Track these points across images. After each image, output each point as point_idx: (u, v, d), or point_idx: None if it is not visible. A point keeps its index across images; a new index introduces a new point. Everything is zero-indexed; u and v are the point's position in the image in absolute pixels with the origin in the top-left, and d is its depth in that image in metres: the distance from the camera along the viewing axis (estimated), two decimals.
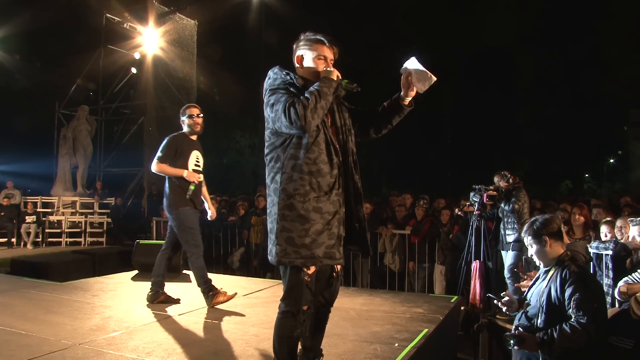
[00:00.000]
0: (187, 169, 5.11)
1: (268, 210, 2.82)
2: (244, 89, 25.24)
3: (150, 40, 15.89)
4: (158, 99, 16.00)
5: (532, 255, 3.43)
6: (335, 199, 2.77)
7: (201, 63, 18.07)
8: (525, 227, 3.47)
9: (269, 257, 2.80)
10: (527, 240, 3.39)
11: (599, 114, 31.46)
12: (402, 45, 28.22)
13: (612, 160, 39.11)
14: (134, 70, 16.94)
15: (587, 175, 38.45)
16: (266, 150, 2.85)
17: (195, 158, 5.28)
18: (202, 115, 5.36)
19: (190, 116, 5.28)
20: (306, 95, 2.67)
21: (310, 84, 2.78)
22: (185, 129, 5.33)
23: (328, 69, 2.86)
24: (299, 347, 2.97)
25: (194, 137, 5.35)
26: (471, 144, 30.53)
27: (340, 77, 2.86)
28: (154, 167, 5.03)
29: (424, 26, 30.03)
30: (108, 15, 16.24)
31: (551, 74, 32.46)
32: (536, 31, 32.29)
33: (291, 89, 2.76)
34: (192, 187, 5.05)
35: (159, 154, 5.03)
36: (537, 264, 3.46)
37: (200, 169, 5.35)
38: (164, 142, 5.12)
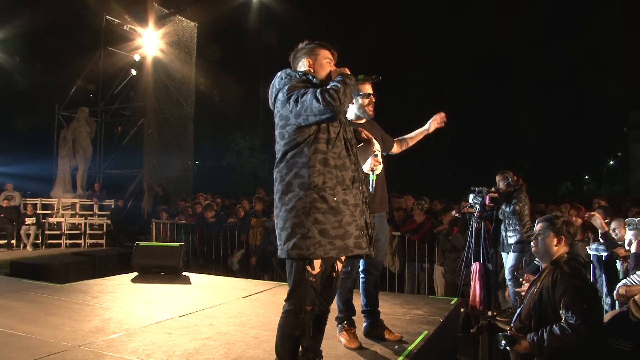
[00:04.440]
0: None
1: (288, 206, 2.79)
2: (244, 91, 25.30)
3: (150, 42, 15.87)
4: (158, 100, 15.98)
5: (535, 246, 3.40)
6: (355, 192, 2.89)
7: (201, 65, 18.09)
8: (546, 216, 3.48)
9: (293, 252, 2.76)
10: (541, 225, 3.36)
11: (599, 116, 31.49)
12: (402, 47, 28.31)
13: (612, 162, 39.14)
14: (133, 72, 16.93)
15: (586, 177, 38.46)
16: (285, 147, 2.85)
17: None
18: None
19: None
20: (333, 83, 2.78)
21: (324, 84, 2.88)
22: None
23: (340, 68, 2.99)
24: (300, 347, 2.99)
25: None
26: (471, 145, 30.57)
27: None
28: None
29: (424, 28, 30.07)
30: (108, 17, 16.23)
31: (551, 76, 32.51)
32: (536, 33, 32.34)
33: (310, 85, 2.84)
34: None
35: None
36: (534, 251, 3.45)
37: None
38: None
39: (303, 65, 3.05)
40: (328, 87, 2.74)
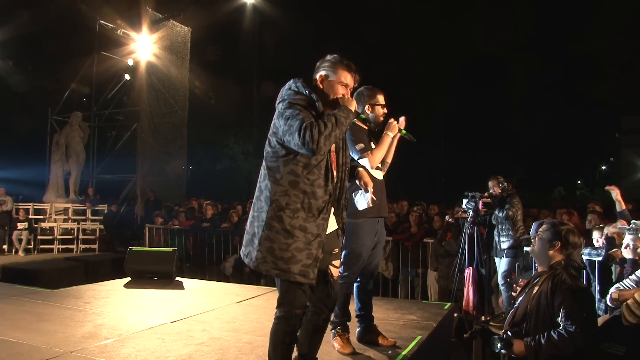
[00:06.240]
0: None
1: (255, 214, 2.84)
2: (238, 95, 25.28)
3: (143, 47, 15.85)
4: (151, 105, 15.93)
5: (532, 246, 3.42)
6: (320, 223, 2.83)
7: (195, 70, 18.08)
8: (552, 220, 3.51)
9: (246, 260, 2.86)
10: (544, 228, 3.38)
11: (592, 121, 31.67)
12: (396, 51, 28.39)
13: (604, 167, 39.37)
14: (127, 76, 16.91)
15: (579, 181, 38.65)
16: (267, 155, 2.87)
17: None
18: None
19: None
20: (324, 119, 2.71)
21: (328, 108, 2.86)
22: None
23: (348, 97, 2.94)
24: (295, 353, 2.99)
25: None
26: (464, 150, 30.66)
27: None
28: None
29: (418, 32, 30.16)
30: (102, 21, 16.21)
31: (544, 81, 32.69)
32: (530, 38, 32.53)
33: (310, 110, 2.80)
34: None
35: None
36: (531, 251, 3.48)
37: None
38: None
39: (317, 77, 3.00)
40: (316, 123, 2.67)
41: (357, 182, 3.26)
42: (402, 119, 4.01)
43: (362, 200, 3.49)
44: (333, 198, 2.91)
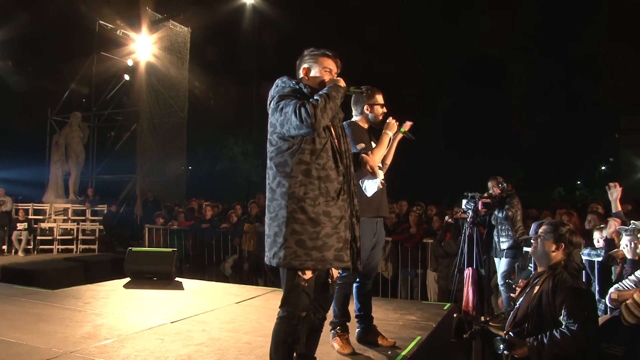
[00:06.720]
0: None
1: (272, 214, 2.83)
2: (237, 96, 25.29)
3: (143, 47, 15.85)
4: (150, 106, 15.94)
5: (534, 247, 3.42)
6: (341, 204, 2.87)
7: (194, 70, 18.08)
8: (553, 221, 3.52)
9: (274, 261, 2.81)
10: (544, 229, 3.39)
11: (591, 121, 31.66)
12: (396, 52, 28.38)
13: (603, 167, 39.37)
14: (126, 77, 16.91)
15: (579, 182, 38.65)
16: (271, 155, 2.89)
17: None
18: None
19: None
20: (315, 97, 2.78)
21: (316, 93, 2.89)
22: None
23: (335, 78, 3.01)
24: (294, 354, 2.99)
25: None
26: (464, 150, 30.66)
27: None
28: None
29: (418, 32, 30.17)
30: (101, 22, 16.22)
31: (544, 82, 32.69)
32: (530, 38, 32.54)
33: (299, 96, 2.85)
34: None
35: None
36: (532, 251, 3.49)
37: None
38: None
39: (300, 72, 3.08)
40: (309, 100, 2.75)
41: (363, 168, 3.28)
42: (408, 123, 4.00)
43: (372, 185, 3.49)
44: (345, 179, 2.93)
